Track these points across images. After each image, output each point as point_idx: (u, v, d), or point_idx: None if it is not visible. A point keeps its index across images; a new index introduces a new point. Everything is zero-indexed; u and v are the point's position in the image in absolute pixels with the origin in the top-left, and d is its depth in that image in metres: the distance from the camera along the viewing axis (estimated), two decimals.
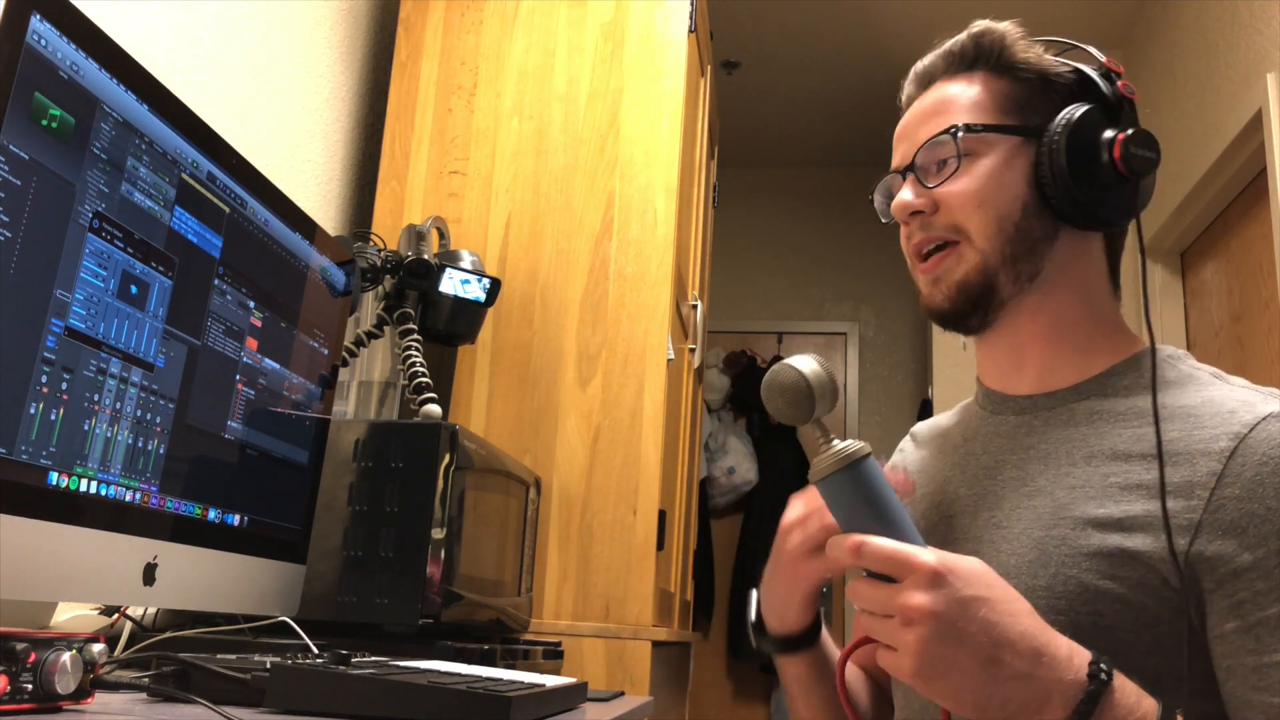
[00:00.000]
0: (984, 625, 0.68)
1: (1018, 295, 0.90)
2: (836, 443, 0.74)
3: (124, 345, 0.84)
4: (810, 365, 0.76)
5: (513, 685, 0.85)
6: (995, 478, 0.91)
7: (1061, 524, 0.83)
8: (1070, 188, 0.87)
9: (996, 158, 0.90)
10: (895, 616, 0.69)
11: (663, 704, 1.98)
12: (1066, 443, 0.88)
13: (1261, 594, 0.75)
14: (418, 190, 2.09)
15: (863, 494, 0.74)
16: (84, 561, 0.80)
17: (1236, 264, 2.97)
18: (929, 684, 0.69)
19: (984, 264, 0.89)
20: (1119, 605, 0.78)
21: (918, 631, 0.68)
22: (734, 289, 4.71)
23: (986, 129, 0.90)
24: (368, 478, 1.23)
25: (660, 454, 1.87)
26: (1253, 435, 0.78)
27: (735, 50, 3.91)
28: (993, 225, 0.89)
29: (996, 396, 0.97)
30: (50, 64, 0.75)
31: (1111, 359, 0.92)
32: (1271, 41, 2.58)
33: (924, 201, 0.90)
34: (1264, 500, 0.75)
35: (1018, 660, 0.68)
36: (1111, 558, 0.79)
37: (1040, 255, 0.90)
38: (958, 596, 0.68)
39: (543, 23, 2.14)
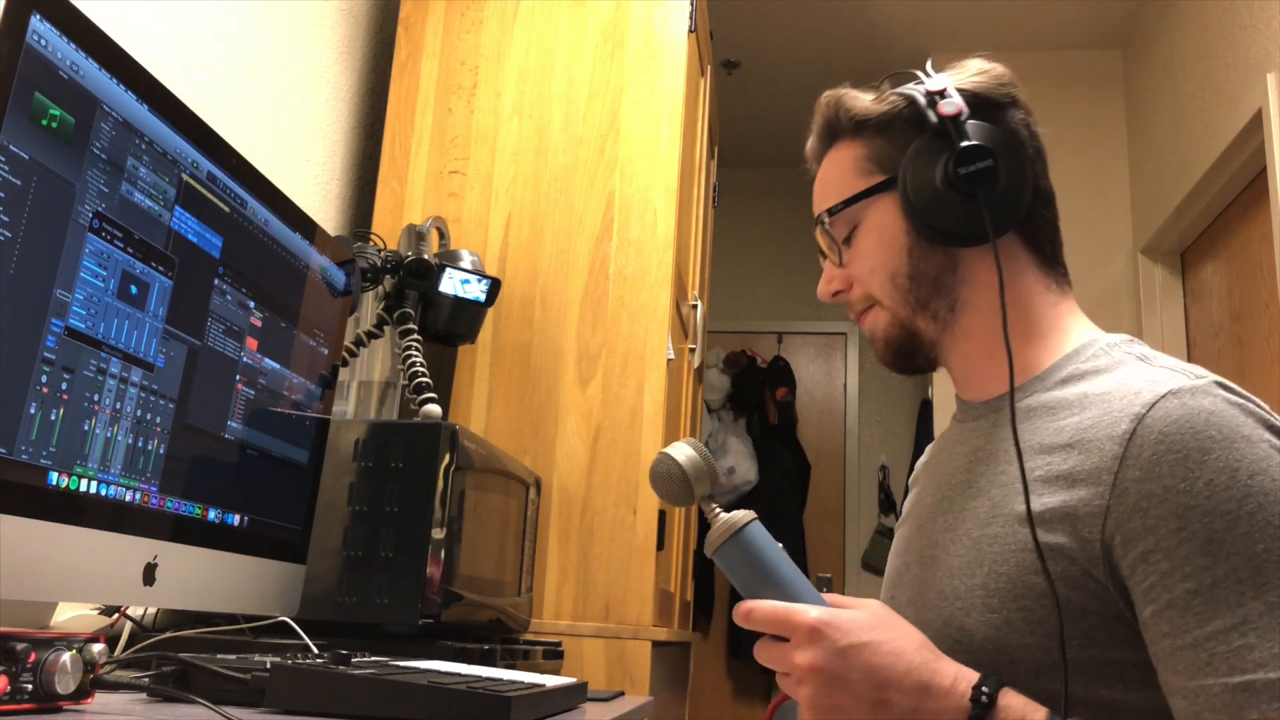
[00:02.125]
0: (866, 671, 0.73)
1: (946, 327, 0.94)
2: (721, 515, 0.81)
3: (124, 345, 0.84)
4: (685, 451, 0.82)
5: (513, 685, 0.85)
6: (950, 483, 0.94)
7: (995, 522, 0.85)
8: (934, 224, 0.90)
9: (871, 220, 0.95)
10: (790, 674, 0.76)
11: (663, 704, 1.98)
12: (1004, 442, 0.89)
13: (1167, 575, 0.74)
14: (418, 190, 2.09)
15: (749, 560, 0.80)
16: (84, 561, 0.80)
17: (1236, 264, 2.97)
18: None
19: (897, 319, 0.94)
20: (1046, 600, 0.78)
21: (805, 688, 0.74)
22: (734, 289, 4.71)
23: (845, 204, 0.95)
24: (368, 478, 1.23)
25: None
26: (1150, 415, 0.77)
27: (735, 50, 3.91)
28: (889, 284, 0.93)
29: (961, 405, 1.00)
30: (50, 64, 0.75)
31: (1052, 356, 0.91)
32: (1271, 41, 2.58)
33: (839, 284, 0.97)
34: (1160, 479, 0.75)
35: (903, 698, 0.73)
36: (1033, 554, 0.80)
37: (948, 286, 0.92)
38: (836, 648, 0.74)
39: (543, 23, 2.14)
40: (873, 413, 4.64)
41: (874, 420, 4.62)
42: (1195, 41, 3.09)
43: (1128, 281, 3.50)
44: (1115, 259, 3.51)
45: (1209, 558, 0.73)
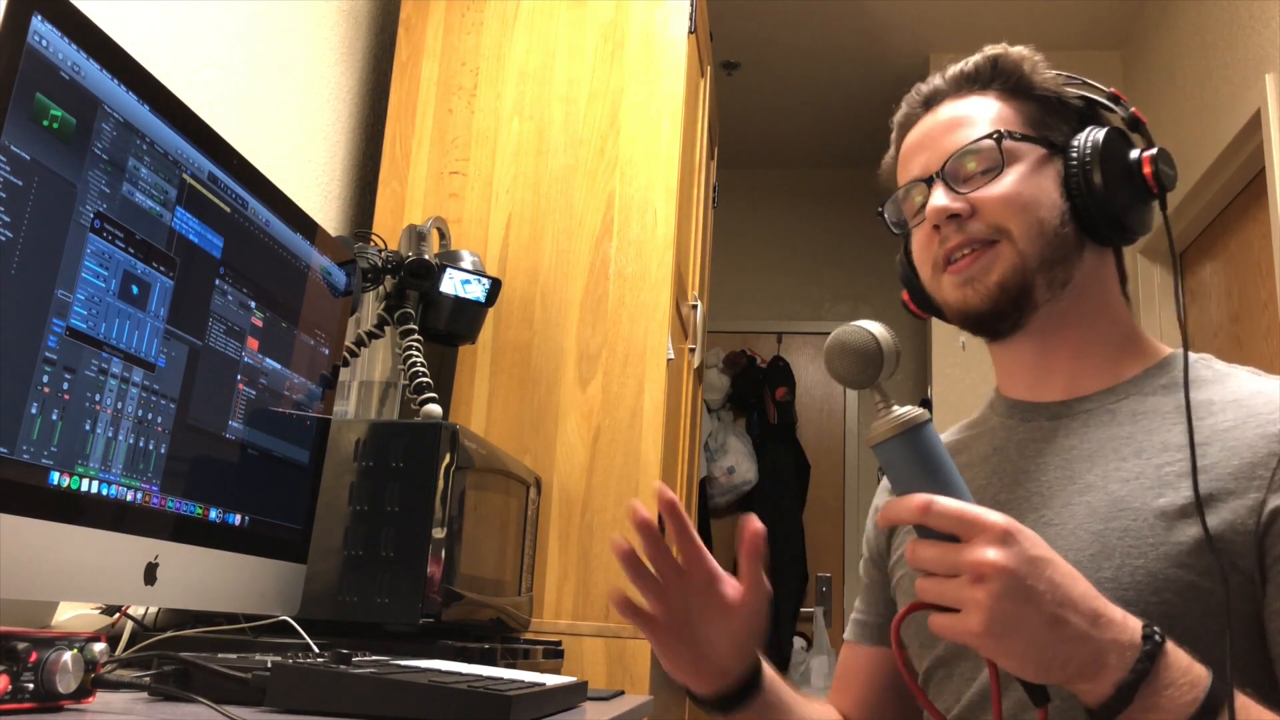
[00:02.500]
0: (1050, 584, 0.68)
1: (1049, 301, 0.93)
2: (896, 408, 0.75)
3: (125, 345, 0.84)
4: (878, 329, 0.76)
5: (513, 685, 0.85)
6: (1038, 479, 0.92)
7: (1122, 516, 0.84)
8: (1105, 202, 0.91)
9: (1031, 167, 0.93)
10: (963, 574, 0.68)
11: (663, 704, 1.98)
12: (1112, 440, 0.89)
13: None
14: (418, 191, 2.09)
15: (922, 459, 0.74)
16: (85, 561, 0.80)
17: (1235, 264, 2.97)
18: (996, 641, 0.68)
19: (1023, 264, 0.91)
20: (1189, 593, 0.79)
21: (989, 588, 0.67)
22: (734, 289, 4.71)
23: (1025, 138, 0.93)
24: (368, 477, 1.23)
25: (660, 454, 1.87)
26: None
27: (735, 50, 3.91)
28: (1035, 228, 0.91)
29: (1025, 406, 0.98)
30: (51, 64, 0.75)
31: (1143, 364, 0.94)
32: (1271, 41, 2.58)
33: (962, 205, 0.92)
34: None
35: (1079, 620, 0.68)
36: (1180, 546, 0.80)
37: (1072, 263, 0.93)
38: (1028, 555, 0.68)
39: (543, 23, 2.14)
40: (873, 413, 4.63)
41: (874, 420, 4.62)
42: (1194, 42, 3.10)
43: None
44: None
45: None
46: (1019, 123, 0.95)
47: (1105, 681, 0.69)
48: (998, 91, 0.97)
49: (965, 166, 0.93)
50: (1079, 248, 0.93)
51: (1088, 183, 0.91)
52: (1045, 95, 0.96)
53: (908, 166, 0.99)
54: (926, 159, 0.96)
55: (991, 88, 0.97)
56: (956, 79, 0.99)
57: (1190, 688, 0.69)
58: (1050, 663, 0.68)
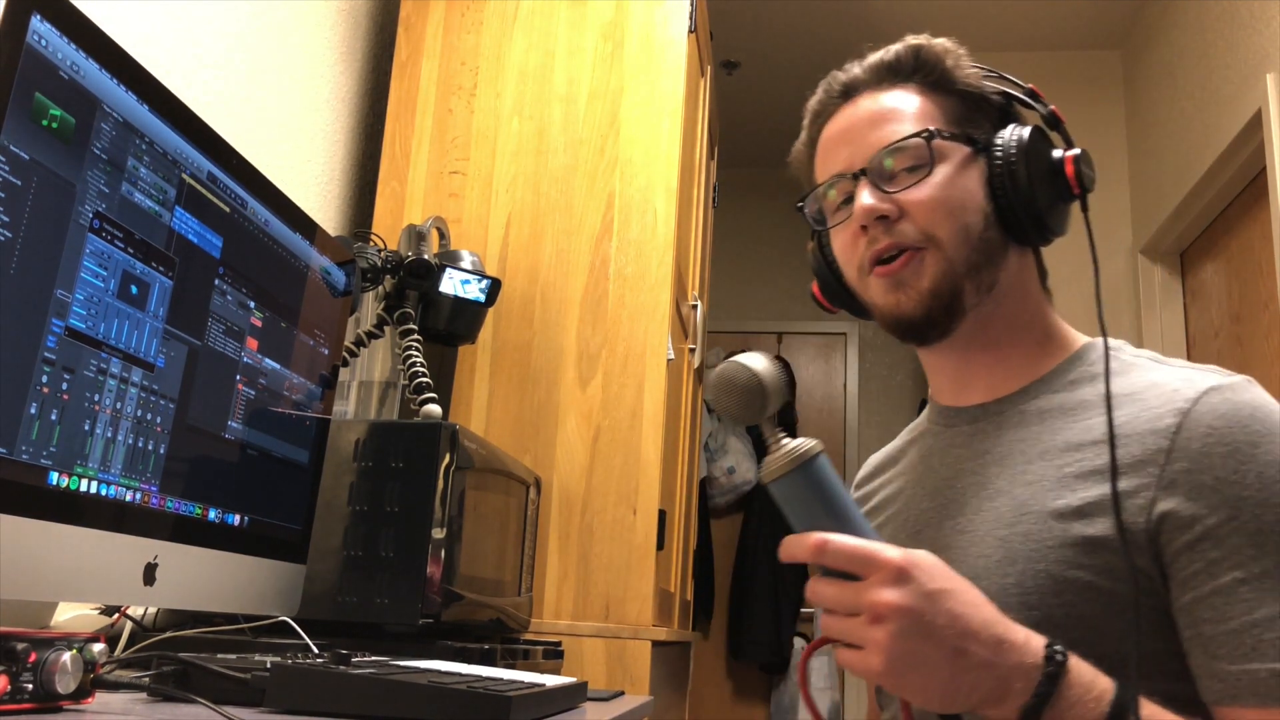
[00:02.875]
0: (950, 617, 0.69)
1: (976, 306, 0.91)
2: (787, 441, 0.74)
3: (124, 345, 0.84)
4: (761, 363, 0.75)
5: (513, 685, 0.85)
6: (954, 486, 0.93)
7: (1024, 520, 0.84)
8: (1029, 203, 0.89)
9: (957, 167, 0.91)
10: (862, 614, 0.69)
11: (663, 704, 1.98)
12: (1021, 442, 0.89)
13: (1215, 563, 0.76)
14: (418, 190, 2.09)
15: (817, 493, 0.73)
16: (84, 561, 0.80)
17: (1236, 264, 2.97)
18: (898, 679, 0.69)
19: (952, 270, 0.89)
20: (1090, 593, 0.79)
21: (887, 628, 0.68)
22: (734, 289, 4.71)
23: (953, 137, 0.91)
24: (368, 478, 1.23)
25: (660, 454, 1.87)
26: (1196, 409, 0.80)
27: (735, 50, 3.91)
28: (961, 233, 0.89)
29: (950, 411, 0.98)
30: (51, 64, 0.75)
31: (1056, 359, 0.94)
32: (1271, 41, 2.58)
33: (890, 207, 0.90)
34: (1212, 470, 0.77)
35: (981, 649, 0.69)
36: (1077, 547, 0.80)
37: (997, 266, 0.92)
38: (924, 590, 0.68)
39: (543, 23, 2.14)
40: (872, 413, 4.64)
41: (873, 420, 4.62)
42: (1195, 42, 3.10)
43: (1127, 281, 3.50)
44: (1115, 259, 3.51)
45: (1257, 548, 0.75)
46: (942, 120, 0.92)
47: (1011, 706, 0.70)
48: (919, 85, 0.94)
49: (892, 164, 0.91)
50: (1003, 249, 0.92)
51: (1013, 183, 0.89)
52: (967, 91, 0.94)
53: (828, 160, 0.96)
54: (850, 153, 0.94)
55: (913, 80, 0.95)
56: (877, 69, 0.96)
57: (1095, 702, 0.70)
58: (955, 694, 0.69)
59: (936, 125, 0.91)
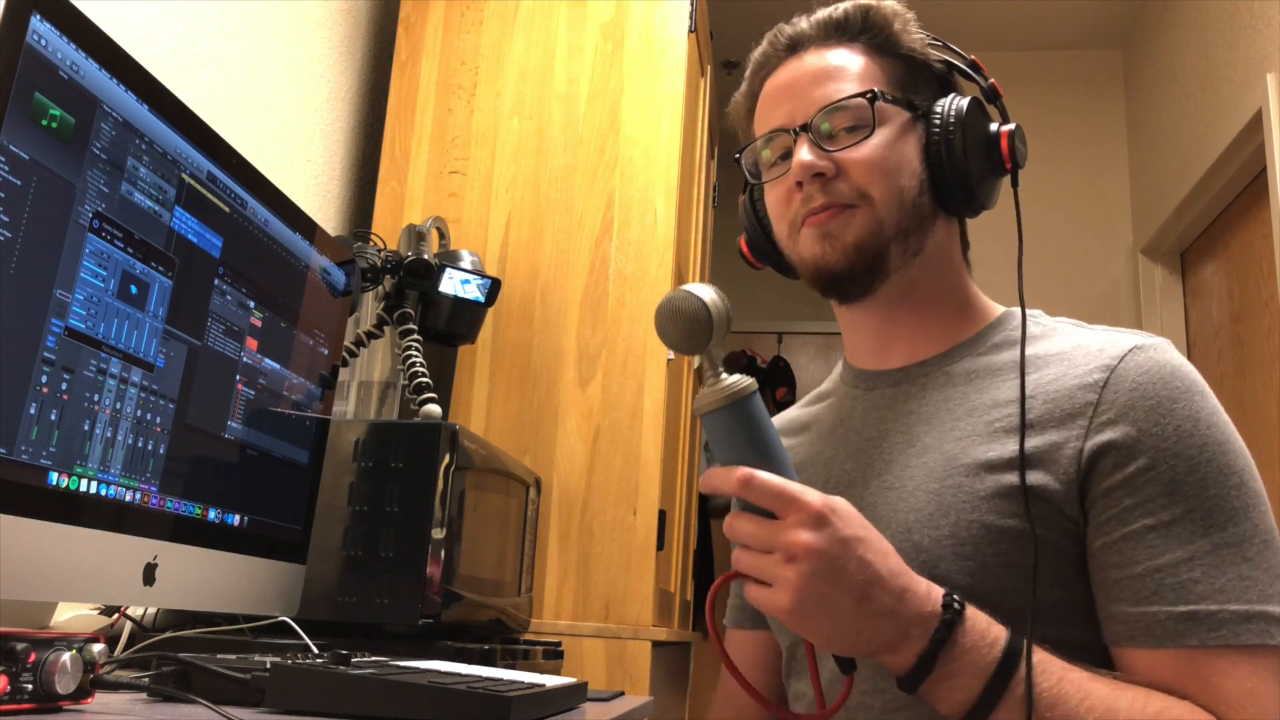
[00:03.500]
0: (860, 564, 0.70)
1: (900, 269, 0.93)
2: (725, 377, 0.74)
3: (124, 345, 0.84)
4: (709, 294, 0.74)
5: (513, 685, 0.85)
6: (879, 446, 0.94)
7: (955, 473, 0.86)
8: (963, 174, 0.91)
9: (896, 131, 0.92)
10: (776, 552, 0.70)
11: (663, 704, 1.98)
12: (947, 402, 0.91)
13: (1128, 510, 0.79)
14: (418, 190, 2.09)
15: (748, 430, 0.73)
16: (84, 561, 0.80)
17: (1236, 264, 2.97)
18: (803, 619, 0.71)
19: (880, 230, 0.90)
20: (1022, 540, 0.81)
21: (799, 568, 0.69)
22: (734, 289, 4.71)
23: (895, 101, 0.92)
24: (368, 478, 1.23)
25: (660, 454, 1.87)
26: (1121, 365, 0.83)
27: (735, 50, 3.91)
28: (895, 196, 0.90)
29: (868, 375, 0.99)
30: (50, 64, 0.75)
31: (976, 326, 0.96)
32: (1271, 41, 2.58)
33: (827, 164, 0.90)
34: (1136, 424, 0.80)
35: (886, 597, 0.71)
36: (1007, 494, 0.82)
37: (925, 232, 0.93)
38: (840, 536, 0.70)
39: (543, 23, 2.14)
40: None
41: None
42: (1195, 41, 3.09)
43: (1128, 281, 3.50)
44: (1115, 259, 3.52)
45: (1168, 498, 0.78)
46: (886, 82, 0.93)
47: (907, 653, 0.72)
48: (864, 46, 0.95)
49: (834, 123, 0.91)
50: (932, 217, 0.93)
51: (949, 153, 0.90)
52: (911, 56, 0.95)
53: (769, 114, 0.97)
54: (791, 109, 0.94)
55: (859, 40, 0.95)
56: (824, 26, 0.97)
57: (989, 648, 0.73)
58: (856, 638, 0.72)
59: (880, 87, 0.92)
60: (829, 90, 0.92)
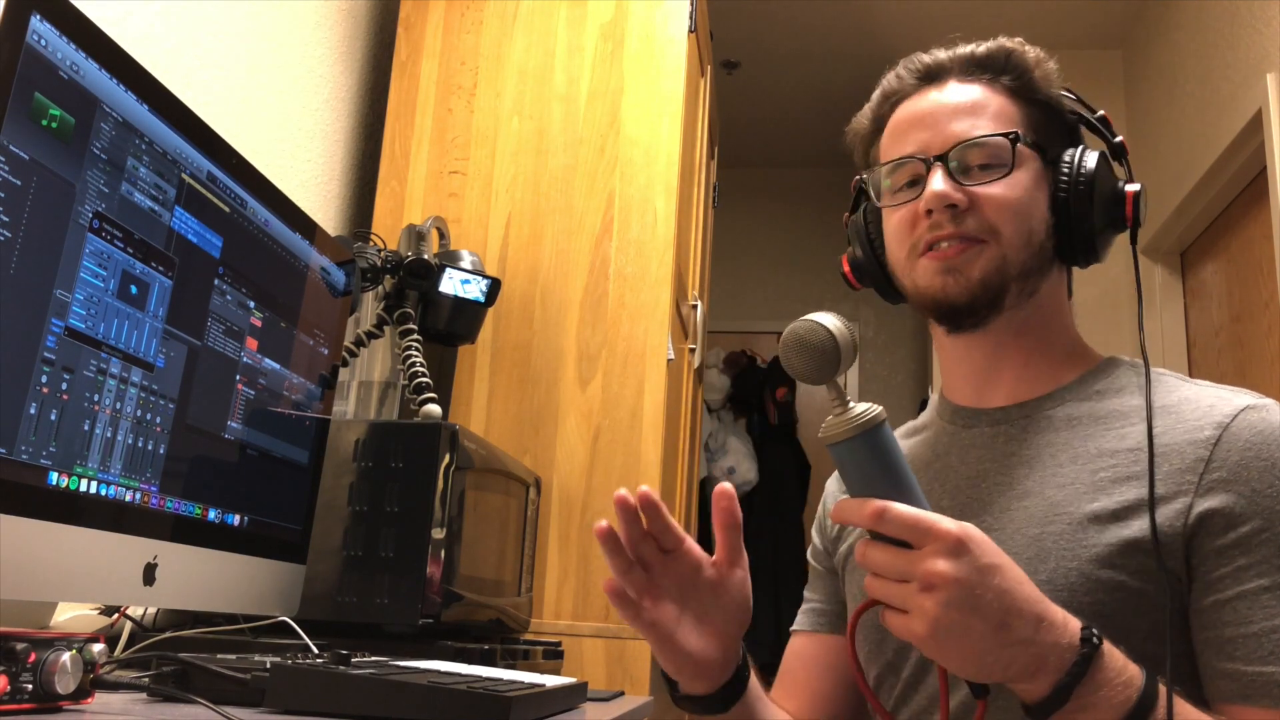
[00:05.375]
0: (998, 593, 0.70)
1: (1014, 308, 0.93)
2: (853, 405, 0.74)
3: (124, 345, 0.84)
4: (835, 323, 0.74)
5: (513, 685, 0.85)
6: (979, 486, 0.94)
7: (1057, 520, 0.86)
8: (1087, 227, 0.92)
9: (1029, 175, 0.93)
10: (914, 581, 0.70)
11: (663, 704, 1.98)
12: (1050, 446, 0.91)
13: (1243, 569, 0.79)
14: (418, 190, 2.09)
15: (879, 460, 0.73)
16: (84, 561, 0.80)
17: (1236, 264, 2.97)
18: (940, 646, 0.70)
19: (1004, 268, 0.91)
20: (1119, 593, 0.81)
21: (937, 597, 0.68)
22: (734, 289, 4.71)
23: (1034, 145, 0.93)
24: (368, 478, 1.23)
25: (660, 454, 1.87)
26: (1234, 424, 0.83)
27: (735, 50, 3.91)
28: (1023, 236, 0.92)
29: (968, 412, 0.99)
30: (50, 64, 0.75)
31: (1078, 370, 0.96)
32: (1271, 41, 2.58)
33: (962, 197, 0.91)
34: (1249, 483, 0.80)
35: (1023, 626, 0.70)
36: (1110, 548, 0.83)
37: (1043, 276, 0.94)
38: (978, 564, 0.69)
39: (543, 23, 2.14)
40: None
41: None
42: (1195, 41, 3.09)
43: (1128, 281, 3.50)
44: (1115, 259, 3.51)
45: None
46: (1025, 126, 0.94)
47: (1043, 682, 0.71)
48: (1004, 86, 0.96)
49: (970, 158, 0.92)
50: (1051, 262, 0.95)
51: (1076, 204, 0.92)
52: (1047, 103, 0.96)
53: (901, 140, 0.97)
54: (927, 139, 0.94)
55: (1000, 80, 0.96)
56: (965, 62, 0.97)
57: (1124, 687, 0.72)
58: (992, 666, 0.71)
59: (1019, 129, 0.93)
60: (968, 125, 0.93)
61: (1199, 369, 3.20)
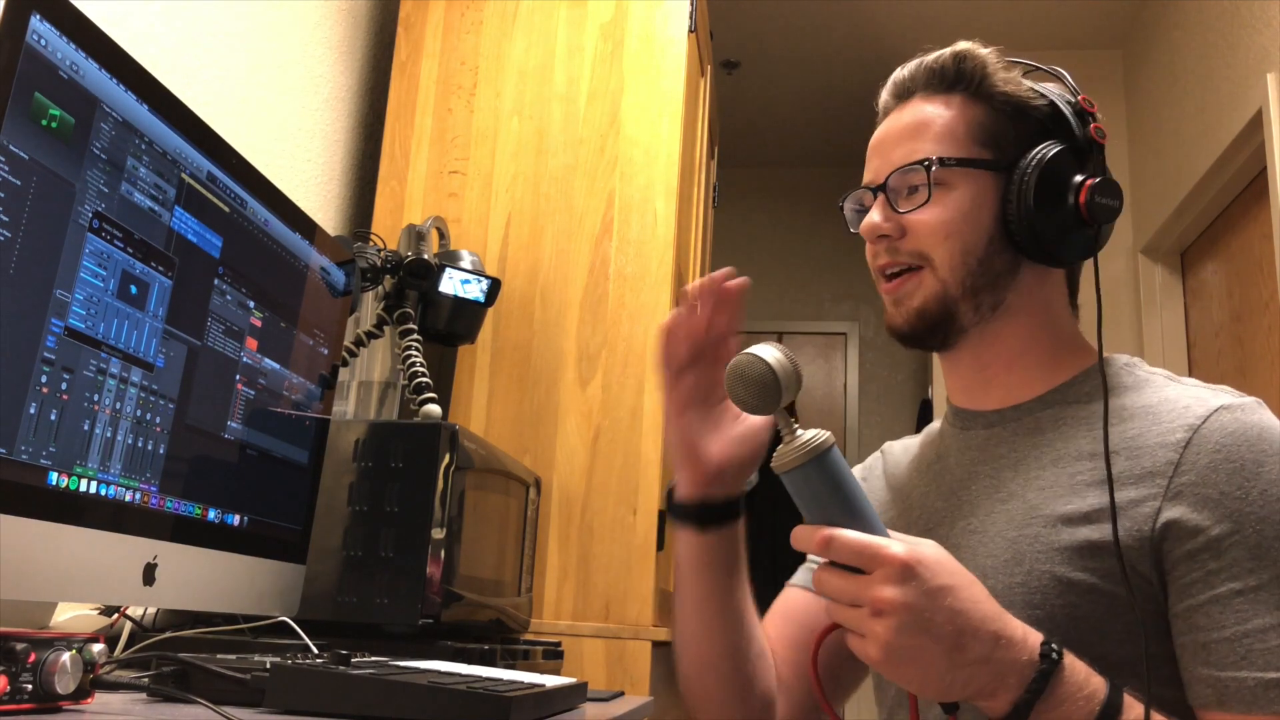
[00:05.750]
0: (950, 614, 0.70)
1: (980, 323, 0.93)
2: (801, 433, 0.74)
3: (124, 345, 0.84)
4: (774, 354, 0.75)
5: (513, 685, 0.85)
6: (969, 488, 0.94)
7: (1034, 523, 0.86)
8: (1034, 227, 0.90)
9: (966, 191, 0.92)
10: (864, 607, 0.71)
11: (663, 704, 1.98)
12: (1035, 449, 0.91)
13: (1214, 573, 0.78)
14: (418, 190, 2.09)
15: (829, 485, 0.73)
16: (84, 561, 0.80)
17: (1236, 264, 2.97)
18: (895, 670, 0.71)
19: (944, 293, 0.91)
20: (1092, 595, 0.81)
21: (886, 622, 0.69)
22: None
23: (960, 163, 0.92)
24: (368, 478, 1.23)
25: (660, 454, 1.87)
26: (1206, 426, 0.82)
27: (735, 50, 3.91)
28: (957, 258, 0.91)
29: (965, 414, 1.00)
30: (50, 64, 0.75)
31: (1072, 371, 0.95)
32: (1271, 41, 2.58)
33: (891, 226, 0.92)
34: (1217, 485, 0.80)
35: (979, 645, 0.71)
36: (1082, 550, 0.83)
37: (1003, 287, 0.93)
38: (926, 588, 0.70)
39: (542, 23, 2.14)
40: (872, 413, 4.64)
41: (874, 420, 4.62)
42: (1195, 41, 3.09)
43: (1128, 281, 3.50)
44: (1115, 259, 3.51)
45: (1256, 561, 0.77)
46: (968, 137, 0.92)
47: (1003, 699, 0.72)
48: (961, 95, 0.94)
49: (904, 183, 0.93)
50: (1012, 270, 0.92)
51: (1022, 207, 0.89)
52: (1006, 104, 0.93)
53: (867, 166, 0.99)
54: (877, 166, 0.96)
55: (955, 90, 0.95)
56: (925, 75, 0.96)
57: (1086, 701, 0.72)
58: (950, 686, 0.71)
59: (959, 144, 0.92)
60: (906, 150, 0.93)
61: (1199, 369, 3.21)
